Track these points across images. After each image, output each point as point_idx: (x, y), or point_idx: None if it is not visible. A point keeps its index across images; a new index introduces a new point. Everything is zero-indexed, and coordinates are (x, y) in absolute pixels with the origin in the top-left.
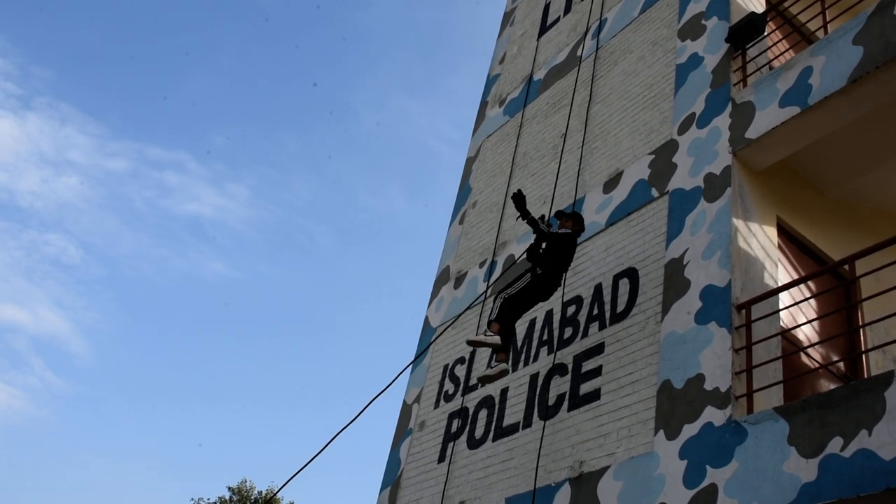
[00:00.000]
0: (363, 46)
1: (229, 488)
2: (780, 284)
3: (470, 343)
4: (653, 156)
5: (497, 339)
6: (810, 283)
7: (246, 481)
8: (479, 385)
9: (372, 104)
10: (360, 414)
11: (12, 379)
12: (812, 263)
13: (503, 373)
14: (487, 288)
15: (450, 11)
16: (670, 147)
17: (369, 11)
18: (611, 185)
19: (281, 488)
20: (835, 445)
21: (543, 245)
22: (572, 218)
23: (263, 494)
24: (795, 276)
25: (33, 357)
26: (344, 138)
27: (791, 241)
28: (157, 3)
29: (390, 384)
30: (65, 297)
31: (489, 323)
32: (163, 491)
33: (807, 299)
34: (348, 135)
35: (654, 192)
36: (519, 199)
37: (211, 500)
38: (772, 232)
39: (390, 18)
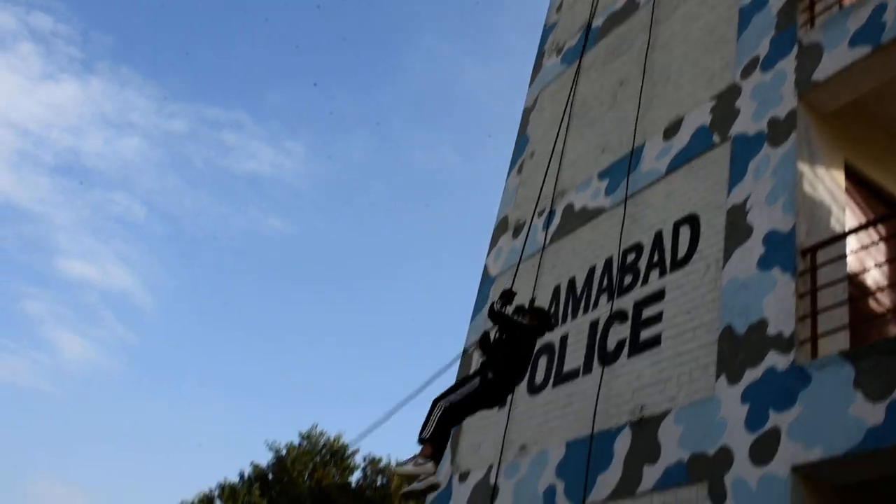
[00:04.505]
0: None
1: (300, 434)
2: (847, 229)
3: (398, 473)
4: (714, 101)
5: (430, 467)
6: (879, 226)
7: (315, 427)
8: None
9: (422, 58)
10: (419, 391)
11: (86, 332)
12: (882, 207)
13: (433, 487)
14: (546, 239)
15: None
16: (733, 92)
17: None
18: (671, 131)
19: (353, 451)
20: None
21: (498, 335)
22: (536, 314)
23: (331, 441)
24: (863, 220)
25: (104, 311)
26: (397, 94)
27: (859, 185)
28: None
29: (448, 366)
30: (131, 254)
31: (421, 440)
32: (234, 435)
33: (875, 243)
34: (401, 90)
35: (716, 138)
36: (505, 298)
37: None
38: (839, 175)
39: None
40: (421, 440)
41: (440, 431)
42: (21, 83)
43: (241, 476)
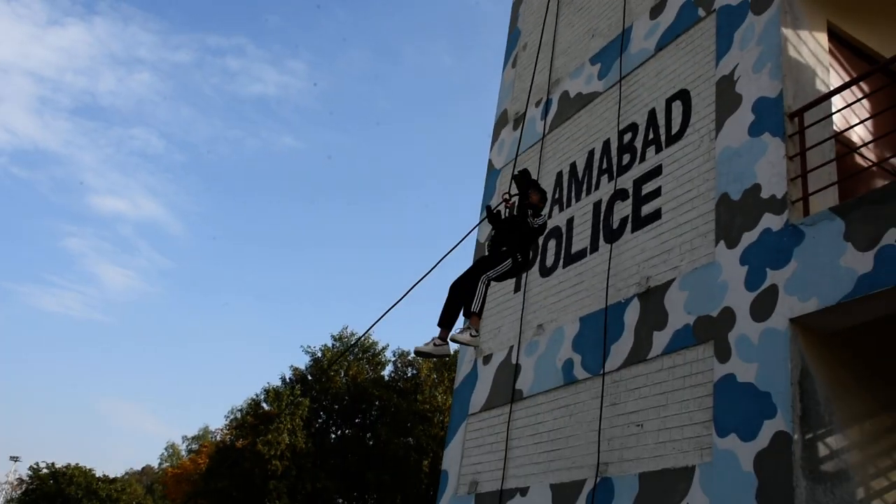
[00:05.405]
0: None
1: (332, 336)
2: (831, 89)
3: (456, 340)
4: None
5: (478, 339)
6: (863, 84)
7: (346, 328)
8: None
9: None
10: (436, 265)
11: (126, 262)
12: (865, 65)
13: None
14: (545, 128)
15: None
16: None
17: None
18: (657, 9)
19: (365, 333)
20: (890, 236)
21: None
22: (539, 191)
23: (361, 340)
24: (847, 80)
25: (139, 241)
26: (389, 4)
27: (842, 45)
28: None
29: (462, 240)
30: (157, 185)
31: (471, 313)
32: (274, 344)
33: (859, 100)
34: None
35: (701, 12)
36: (523, 178)
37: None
38: (822, 37)
39: None
40: (471, 313)
41: (484, 304)
42: (30, 31)
43: (283, 380)
